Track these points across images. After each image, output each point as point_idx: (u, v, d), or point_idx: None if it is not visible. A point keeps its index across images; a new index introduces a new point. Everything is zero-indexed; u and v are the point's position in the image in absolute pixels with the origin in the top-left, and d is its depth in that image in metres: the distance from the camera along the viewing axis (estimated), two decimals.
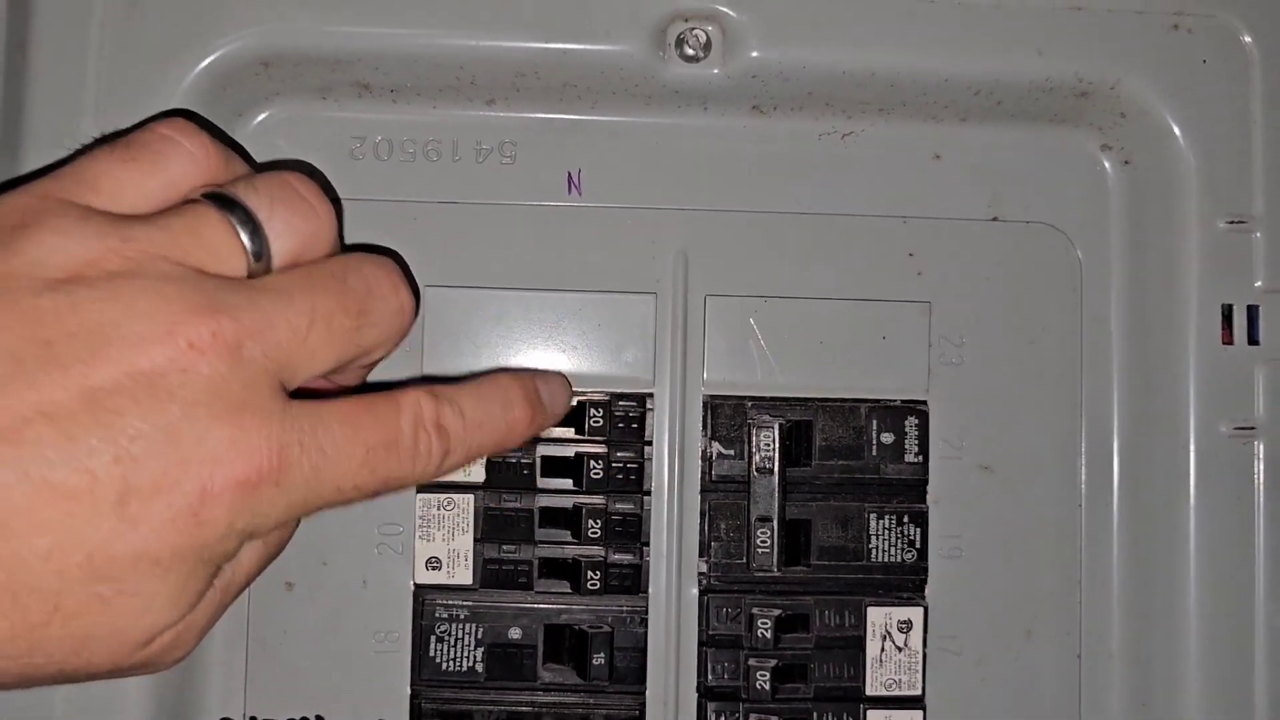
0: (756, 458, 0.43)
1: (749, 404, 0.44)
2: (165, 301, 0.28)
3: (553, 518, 0.44)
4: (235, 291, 0.29)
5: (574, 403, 0.43)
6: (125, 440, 0.27)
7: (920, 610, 0.44)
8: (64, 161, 0.32)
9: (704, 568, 0.44)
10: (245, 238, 0.31)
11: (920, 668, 0.44)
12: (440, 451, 0.33)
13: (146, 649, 0.30)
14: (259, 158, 0.44)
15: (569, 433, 0.44)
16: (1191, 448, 0.43)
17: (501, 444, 0.36)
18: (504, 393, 0.36)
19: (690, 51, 0.42)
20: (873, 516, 0.44)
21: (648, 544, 0.43)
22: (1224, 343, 0.43)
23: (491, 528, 0.43)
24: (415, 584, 0.43)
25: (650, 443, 0.44)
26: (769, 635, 0.43)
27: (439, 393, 0.34)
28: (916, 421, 0.44)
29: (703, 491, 0.44)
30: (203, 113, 0.42)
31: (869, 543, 0.44)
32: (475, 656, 0.43)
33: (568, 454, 0.44)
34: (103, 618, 0.28)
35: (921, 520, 0.44)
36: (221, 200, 0.31)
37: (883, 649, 0.44)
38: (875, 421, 0.44)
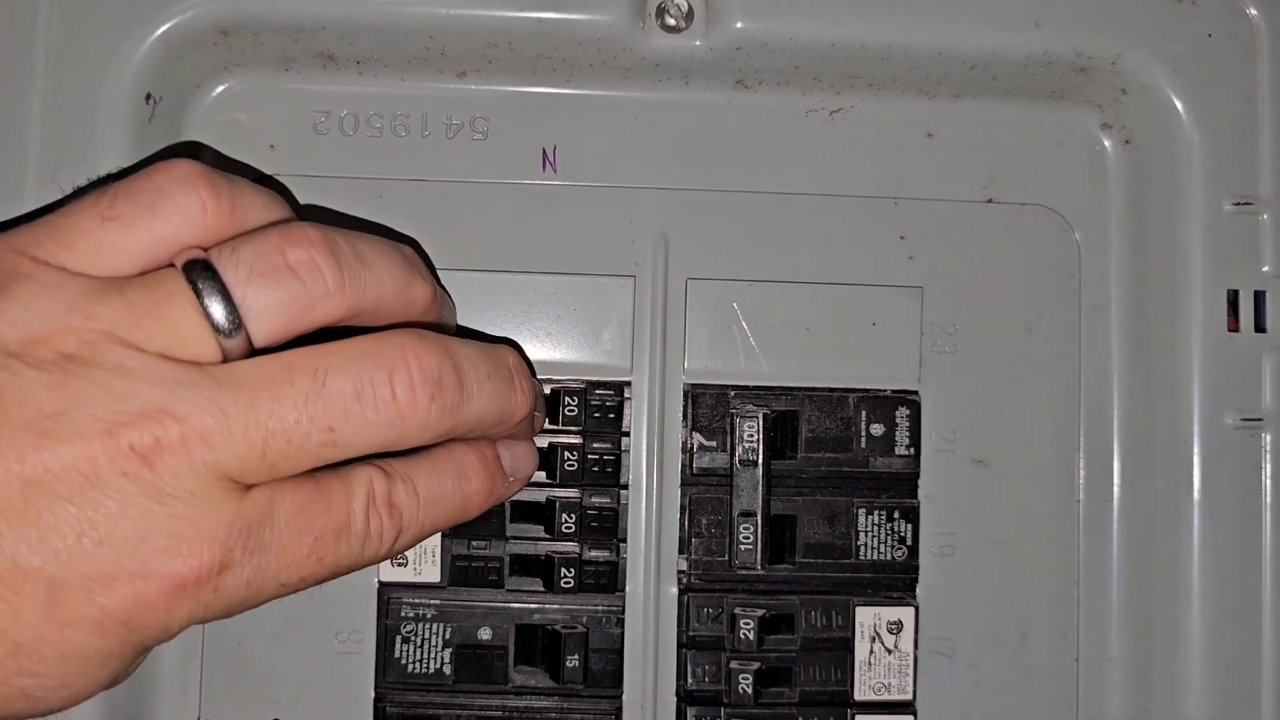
0: (739, 450, 0.41)
1: (732, 393, 0.42)
2: (112, 398, 0.26)
3: (525, 512, 0.41)
4: (194, 387, 0.27)
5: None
6: (58, 538, 0.26)
7: (911, 610, 0.42)
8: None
9: (684, 565, 0.42)
10: (217, 315, 0.28)
11: (911, 671, 0.42)
12: (393, 532, 0.32)
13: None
14: (217, 132, 0.42)
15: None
16: (1196, 440, 0.41)
17: (457, 519, 0.34)
18: (459, 464, 0.34)
19: (671, 21, 0.40)
20: (861, 512, 0.42)
21: (625, 540, 0.41)
22: (1229, 329, 0.41)
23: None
24: (380, 581, 0.41)
25: (628, 433, 0.42)
26: (752, 636, 0.41)
27: (391, 469, 0.32)
28: (908, 412, 0.42)
29: (683, 485, 0.42)
30: (157, 84, 0.40)
31: (857, 539, 0.42)
32: (443, 658, 0.41)
33: (541, 445, 0.41)
34: (22, 703, 0.27)
35: (913, 516, 0.42)
36: (198, 269, 0.28)
37: (872, 651, 0.42)
38: (864, 412, 0.42)
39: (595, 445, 0.41)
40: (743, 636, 0.41)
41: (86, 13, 0.39)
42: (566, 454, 0.41)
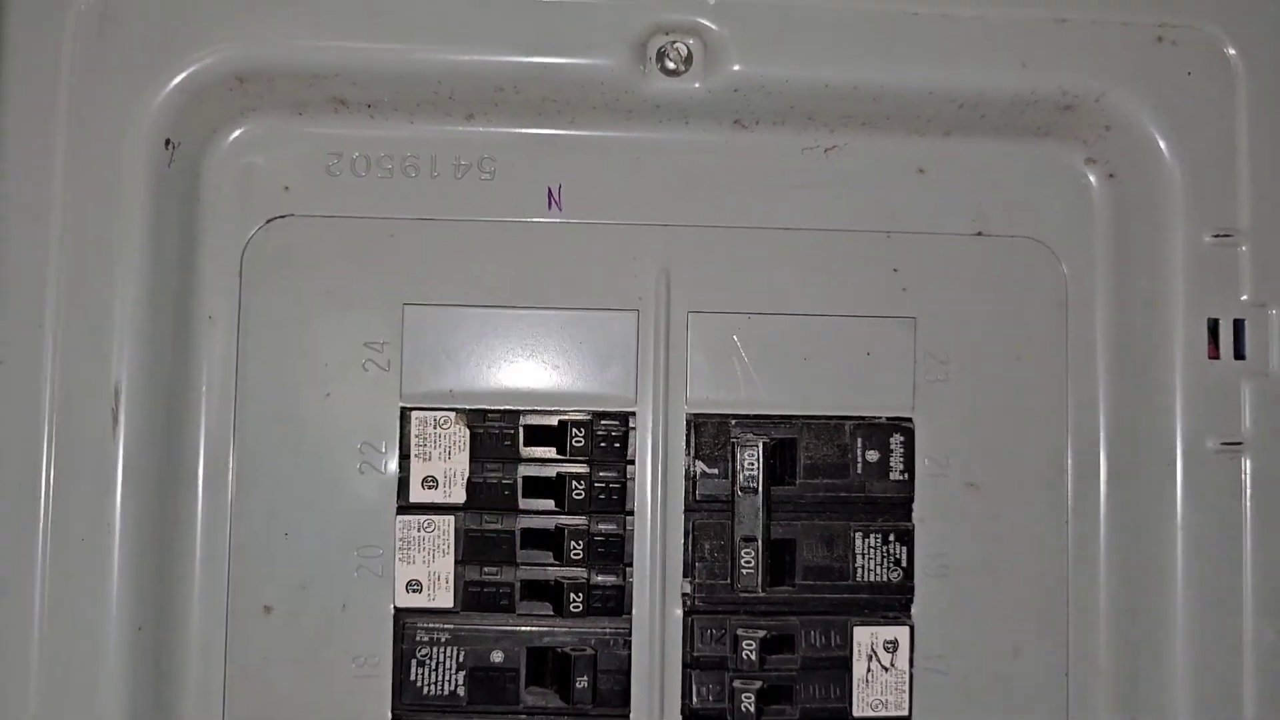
0: (740, 477, 0.43)
1: (733, 422, 0.43)
2: None
3: (534, 539, 0.43)
4: None
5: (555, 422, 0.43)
6: None
7: (907, 630, 0.43)
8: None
9: (688, 588, 0.43)
10: None
11: (907, 688, 0.43)
12: None
13: None
14: (233, 174, 0.43)
15: (550, 452, 0.43)
16: (1179, 463, 0.42)
17: None
18: None
19: (671, 65, 0.41)
20: (858, 535, 0.43)
21: (631, 565, 0.43)
22: (1210, 357, 0.42)
23: (472, 549, 0.43)
24: (395, 607, 0.43)
25: (633, 462, 0.43)
26: (754, 656, 0.42)
27: None
28: (902, 439, 0.44)
29: (686, 511, 0.43)
30: (176, 130, 0.41)
31: (855, 562, 0.43)
32: (457, 680, 0.42)
33: (549, 474, 0.43)
34: None
35: (907, 538, 0.44)
36: None
37: (869, 669, 0.43)
38: (860, 439, 0.44)
39: (601, 474, 0.43)
40: (745, 656, 0.42)
41: (108, 61, 0.40)
42: (574, 483, 0.43)
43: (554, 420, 0.43)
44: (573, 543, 0.43)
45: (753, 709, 0.42)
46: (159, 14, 0.40)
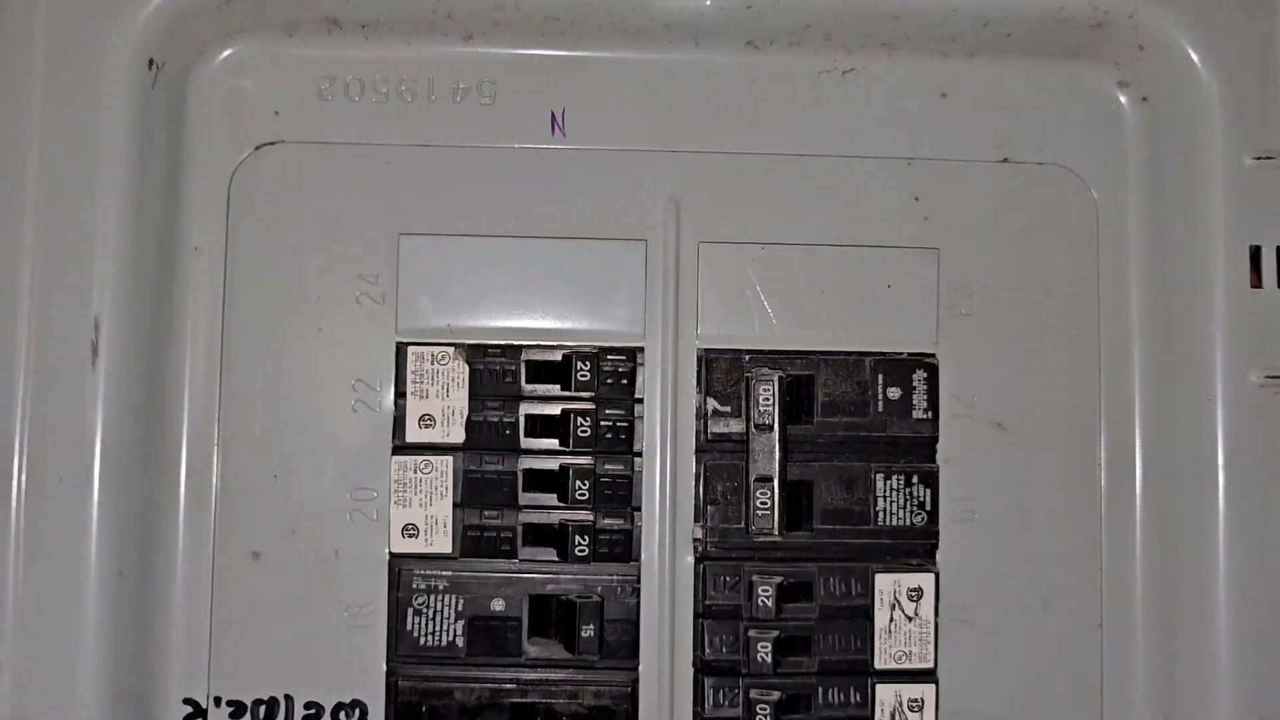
0: (754, 414, 0.41)
1: (746, 357, 0.41)
2: None
3: (537, 480, 0.41)
4: None
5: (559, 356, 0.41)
6: None
7: (931, 577, 0.41)
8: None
9: (699, 533, 0.41)
10: None
11: (932, 639, 0.41)
12: None
13: None
14: (221, 98, 0.41)
15: (554, 389, 0.41)
16: (1219, 399, 0.40)
17: None
18: None
19: None
20: (879, 477, 0.41)
21: (639, 508, 0.41)
22: (1253, 286, 0.40)
23: (472, 492, 0.41)
24: (390, 553, 0.41)
25: (641, 399, 0.41)
26: (770, 604, 0.40)
27: None
28: (925, 375, 0.42)
29: (697, 451, 0.41)
30: (160, 50, 0.39)
31: (876, 505, 0.41)
32: (455, 630, 0.40)
33: (553, 411, 0.41)
34: None
35: (931, 481, 0.41)
36: None
37: (892, 619, 0.41)
38: (881, 376, 0.41)
39: (608, 411, 0.41)
40: (761, 604, 0.40)
41: None
42: (579, 420, 0.41)
43: (558, 355, 0.41)
44: (578, 483, 0.40)
45: (769, 660, 0.40)
46: None
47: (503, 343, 0.41)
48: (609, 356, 0.41)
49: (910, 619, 0.41)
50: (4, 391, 0.38)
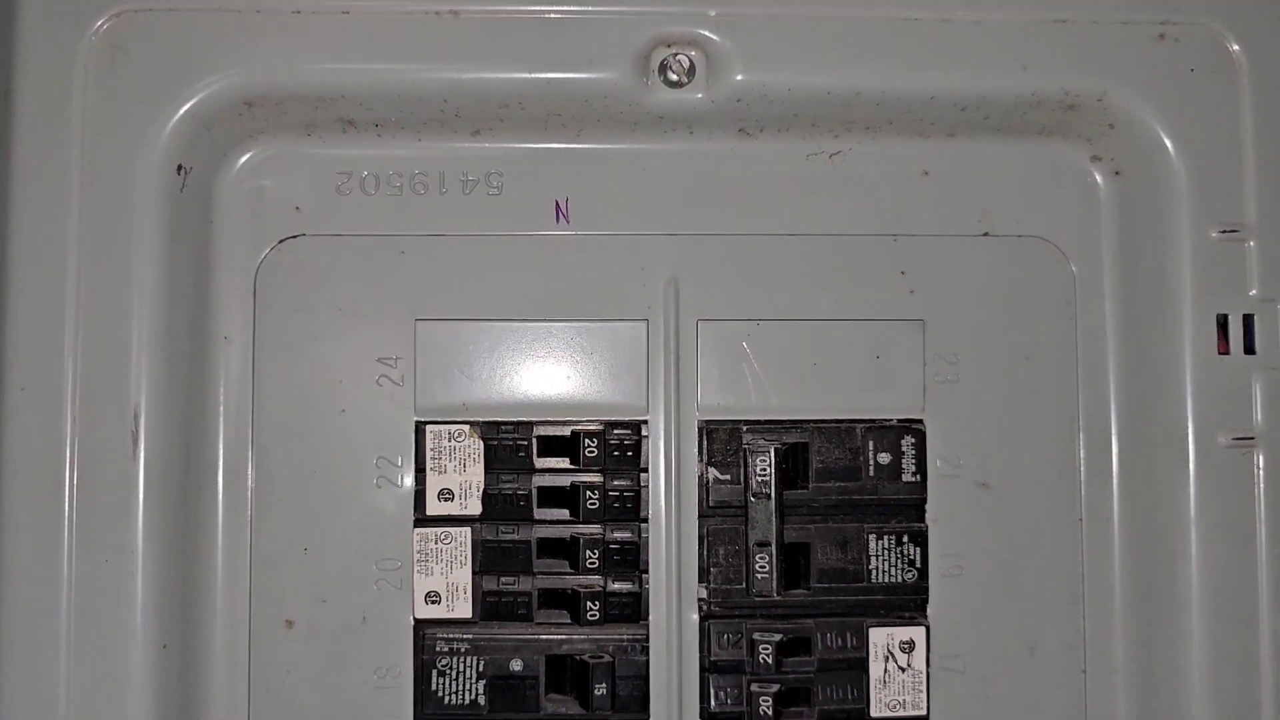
0: (753, 482, 0.43)
1: (744, 428, 0.44)
2: None
3: (550, 548, 0.43)
4: None
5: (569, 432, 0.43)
6: None
7: (922, 629, 0.44)
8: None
9: (704, 593, 0.43)
10: None
11: (924, 687, 0.44)
12: None
13: None
14: (245, 197, 0.44)
15: (564, 463, 0.43)
16: (1191, 459, 0.42)
17: None
18: None
19: (674, 77, 0.42)
20: (872, 537, 0.44)
21: (646, 571, 0.43)
22: (1220, 352, 0.42)
23: (489, 560, 0.43)
24: (415, 618, 0.43)
25: (646, 470, 0.44)
26: (771, 659, 0.43)
27: None
28: (913, 440, 0.44)
29: (700, 517, 0.44)
30: (187, 156, 0.41)
31: (869, 563, 0.44)
32: (477, 689, 0.43)
33: (563, 484, 0.43)
34: None
35: (921, 539, 0.44)
36: None
37: (886, 670, 0.43)
38: (871, 442, 0.44)
39: (615, 483, 0.43)
40: (762, 660, 0.43)
41: (118, 91, 0.41)
42: (588, 492, 0.43)
43: (567, 431, 0.43)
44: (588, 551, 0.43)
45: (771, 712, 0.43)
46: (167, 43, 0.41)
47: (515, 419, 0.44)
48: (615, 430, 0.43)
49: (903, 669, 0.44)
50: (54, 479, 0.40)
